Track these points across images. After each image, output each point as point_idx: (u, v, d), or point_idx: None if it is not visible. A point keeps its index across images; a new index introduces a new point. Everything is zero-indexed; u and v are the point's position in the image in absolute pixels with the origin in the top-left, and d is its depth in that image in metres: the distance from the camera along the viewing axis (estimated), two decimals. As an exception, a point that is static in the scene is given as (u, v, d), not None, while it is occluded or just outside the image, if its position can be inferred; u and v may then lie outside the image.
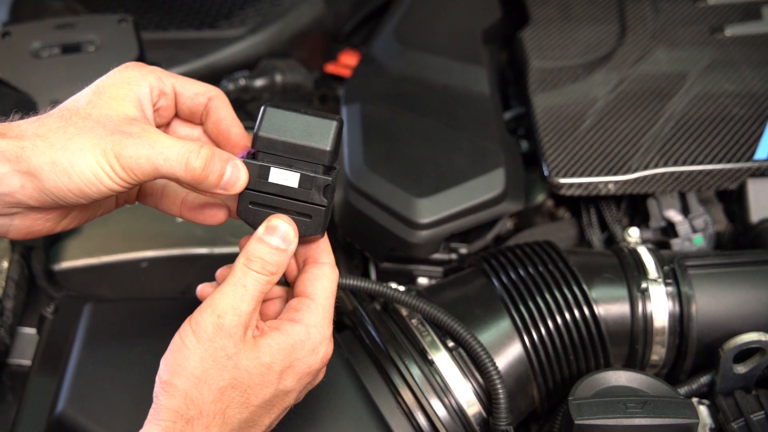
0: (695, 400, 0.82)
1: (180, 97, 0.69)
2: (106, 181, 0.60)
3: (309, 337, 0.65)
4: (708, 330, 0.84)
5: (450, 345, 0.80)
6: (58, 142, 0.60)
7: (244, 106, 1.18)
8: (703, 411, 0.81)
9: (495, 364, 0.77)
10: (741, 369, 0.82)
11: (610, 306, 0.84)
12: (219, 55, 1.17)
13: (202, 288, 0.71)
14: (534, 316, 0.83)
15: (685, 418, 0.71)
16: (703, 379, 0.84)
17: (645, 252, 0.88)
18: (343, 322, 0.91)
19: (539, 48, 1.16)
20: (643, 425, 0.71)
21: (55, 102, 1.00)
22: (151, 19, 1.23)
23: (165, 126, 0.72)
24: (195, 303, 0.66)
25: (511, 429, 0.77)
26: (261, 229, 0.65)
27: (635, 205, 1.06)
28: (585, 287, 0.83)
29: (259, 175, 0.64)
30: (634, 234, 0.94)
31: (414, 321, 0.83)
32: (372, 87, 1.09)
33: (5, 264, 1.00)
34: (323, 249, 0.69)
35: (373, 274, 1.01)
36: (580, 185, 0.98)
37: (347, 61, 1.33)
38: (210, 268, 1.06)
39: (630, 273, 0.86)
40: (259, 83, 1.14)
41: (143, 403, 0.64)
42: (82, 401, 0.78)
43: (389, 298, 0.81)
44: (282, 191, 0.64)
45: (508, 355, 0.82)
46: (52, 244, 1.03)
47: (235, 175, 0.63)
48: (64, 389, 0.79)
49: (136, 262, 1.04)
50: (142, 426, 0.61)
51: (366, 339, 0.83)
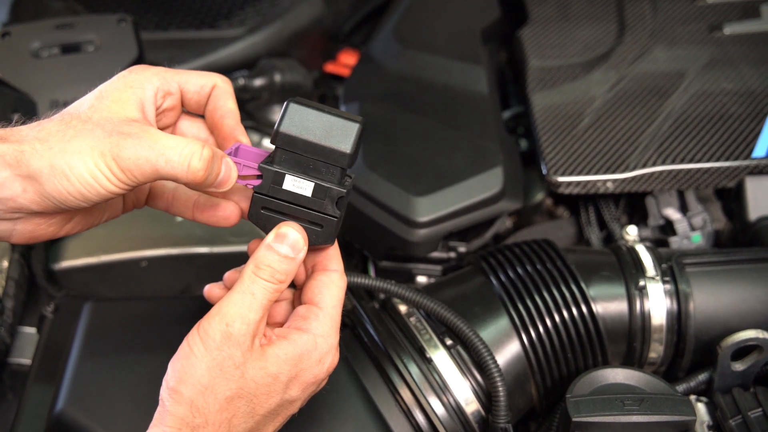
0: (693, 397, 0.82)
1: (186, 93, 0.68)
2: (104, 184, 0.60)
3: (316, 347, 0.65)
4: (706, 327, 0.84)
5: (448, 343, 0.80)
6: (56, 145, 0.59)
7: (243, 105, 1.18)
8: (701, 408, 0.81)
9: (495, 360, 0.77)
10: (739, 366, 0.82)
11: (608, 304, 0.84)
12: (218, 55, 1.17)
13: (209, 288, 0.71)
14: (532, 314, 0.83)
15: (683, 415, 0.71)
16: (701, 377, 0.84)
17: (643, 250, 0.88)
18: (343, 321, 0.91)
19: (538, 47, 1.16)
20: (641, 422, 0.71)
21: (55, 102, 1.01)
22: (151, 19, 1.23)
23: (172, 126, 0.72)
24: (194, 302, 0.66)
25: (510, 427, 0.77)
26: (271, 236, 0.64)
27: (634, 204, 1.06)
28: (583, 285, 0.84)
29: (273, 181, 0.64)
30: (632, 232, 0.94)
31: (412, 319, 0.83)
32: (371, 86, 1.10)
33: (5, 263, 1.00)
34: (333, 256, 0.69)
35: (372, 273, 1.02)
36: (578, 183, 0.98)
37: (346, 61, 1.33)
38: (210, 267, 1.07)
39: (628, 271, 0.86)
40: (258, 83, 1.14)
41: (143, 402, 0.64)
42: (81, 400, 0.78)
43: (392, 293, 0.81)
44: (295, 199, 0.64)
45: (506, 353, 0.82)
46: (52, 243, 1.04)
47: (227, 174, 0.63)
48: (63, 388, 0.79)
49: (135, 261, 1.05)
50: (141, 425, 0.61)
51: (365, 337, 0.84)
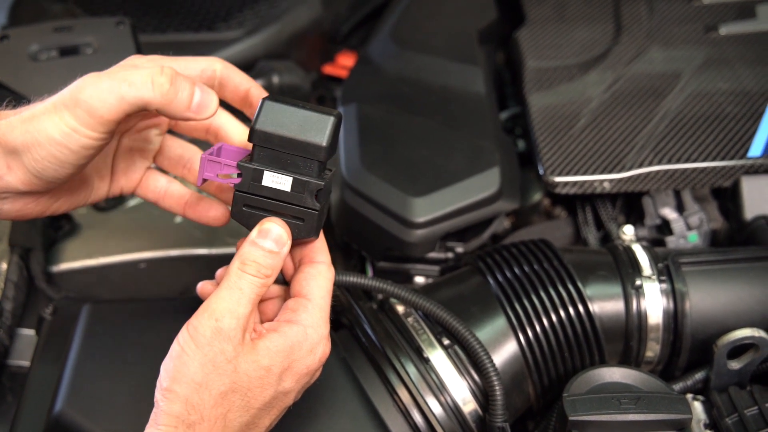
0: (690, 396, 0.82)
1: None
2: (74, 138, 0.60)
3: (306, 338, 0.65)
4: (702, 326, 0.84)
5: (445, 343, 0.81)
6: (27, 113, 0.61)
7: (241, 107, 1.18)
8: (698, 407, 0.81)
9: (492, 360, 0.78)
10: (735, 365, 0.82)
11: (604, 303, 0.85)
12: (217, 57, 1.17)
13: (202, 285, 0.72)
14: (529, 313, 0.83)
15: (679, 413, 0.72)
16: (698, 376, 0.84)
17: (639, 249, 0.88)
18: (340, 321, 0.91)
19: (535, 48, 1.16)
20: (637, 421, 0.71)
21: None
22: (150, 22, 1.24)
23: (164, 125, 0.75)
24: (193, 303, 0.67)
25: (507, 426, 0.77)
26: (254, 233, 0.65)
27: (631, 204, 1.06)
28: (580, 285, 0.84)
29: (253, 178, 0.65)
30: (628, 232, 0.95)
31: (410, 319, 0.83)
32: (369, 88, 1.10)
33: (4, 266, 1.00)
34: (319, 248, 0.70)
35: (370, 273, 1.02)
36: (575, 183, 0.99)
37: (345, 63, 1.33)
38: (208, 268, 1.07)
39: (624, 270, 0.86)
40: (257, 85, 1.14)
41: (141, 403, 0.64)
42: (80, 401, 0.78)
43: (389, 293, 0.82)
44: (275, 194, 0.65)
45: (503, 353, 0.83)
46: (50, 245, 1.04)
47: (207, 99, 0.63)
48: (62, 389, 0.79)
49: (134, 263, 1.05)
50: (140, 425, 0.62)
51: (362, 338, 0.84)
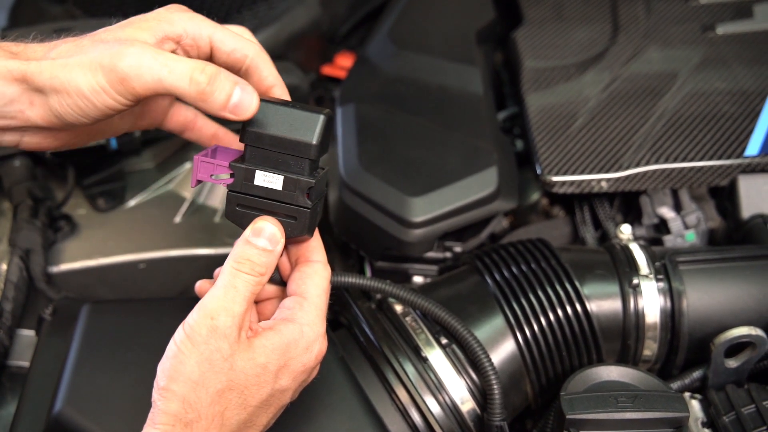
0: (688, 394, 0.83)
1: (217, 52, 0.67)
2: (103, 98, 0.60)
3: (303, 336, 0.66)
4: (699, 325, 0.84)
5: (444, 342, 0.81)
6: (60, 60, 0.61)
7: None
8: (695, 405, 0.81)
9: (490, 359, 0.78)
10: (732, 363, 0.82)
11: (602, 302, 0.85)
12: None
13: (200, 285, 0.72)
14: (527, 313, 0.83)
15: (676, 411, 0.72)
16: (696, 374, 0.84)
17: (636, 248, 0.88)
18: (339, 320, 0.91)
19: (532, 48, 1.17)
20: (634, 419, 0.72)
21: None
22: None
23: None
24: (192, 303, 0.67)
25: (506, 424, 0.78)
26: (248, 232, 0.65)
27: (628, 203, 1.07)
28: (577, 284, 0.84)
29: (245, 178, 0.65)
30: (626, 231, 0.95)
31: (408, 319, 0.83)
32: (367, 88, 1.10)
33: (4, 266, 1.01)
34: (315, 247, 0.70)
35: (369, 273, 1.02)
36: (572, 183, 0.99)
37: (343, 63, 1.33)
38: (207, 268, 1.07)
39: (622, 269, 0.86)
40: (255, 85, 1.15)
41: (141, 403, 0.64)
42: (79, 401, 0.78)
43: (387, 293, 0.82)
44: (267, 194, 0.65)
45: (501, 352, 0.83)
46: (50, 246, 1.04)
47: (247, 100, 0.61)
48: (62, 389, 0.79)
49: (133, 263, 1.06)
50: (139, 425, 0.62)
51: (360, 337, 0.84)
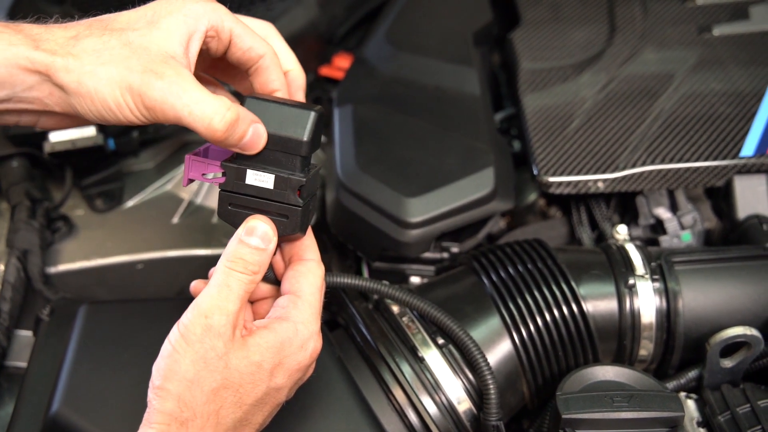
0: (683, 394, 0.83)
1: (233, 47, 0.68)
2: (126, 114, 0.62)
3: (297, 334, 0.66)
4: (695, 325, 0.85)
5: (440, 342, 0.81)
6: (88, 65, 0.61)
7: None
8: (691, 405, 0.82)
9: (486, 359, 0.78)
10: (728, 363, 0.82)
11: (598, 302, 0.85)
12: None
13: (195, 285, 0.72)
14: (523, 313, 0.84)
15: (671, 411, 0.72)
16: (691, 374, 0.84)
17: (632, 249, 0.89)
18: (336, 320, 0.92)
19: (529, 49, 1.17)
20: (630, 418, 0.72)
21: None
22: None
23: (207, 66, 0.74)
24: (189, 303, 0.67)
25: (502, 424, 0.78)
26: (241, 231, 0.66)
27: (625, 203, 1.07)
28: (573, 284, 0.84)
29: (236, 177, 0.66)
30: (622, 231, 0.95)
31: (405, 319, 0.84)
32: (364, 89, 1.10)
33: (1, 267, 1.01)
34: (308, 246, 0.70)
35: (366, 273, 1.02)
36: (569, 183, 0.99)
37: (341, 64, 1.34)
38: (204, 269, 1.07)
39: (618, 269, 0.87)
40: (253, 86, 1.15)
41: (137, 403, 0.64)
42: (76, 401, 0.79)
43: (383, 294, 0.82)
44: (259, 192, 0.66)
45: (497, 352, 0.83)
46: (48, 247, 1.04)
47: (254, 140, 0.64)
48: (59, 390, 0.80)
49: (131, 264, 1.06)
50: (135, 426, 0.62)
51: (357, 337, 0.84)
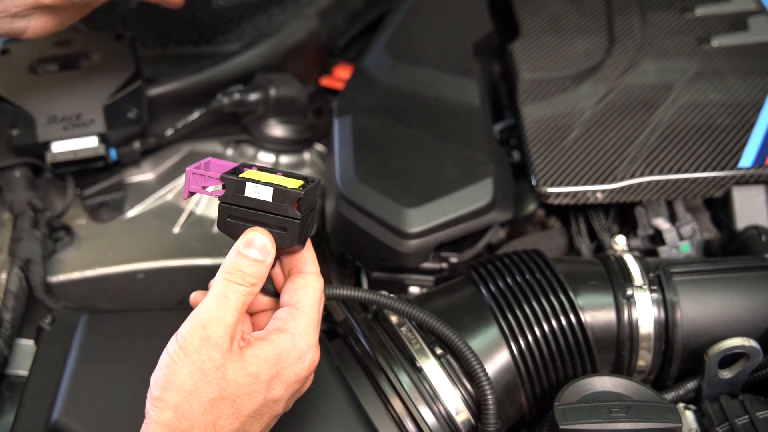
0: (682, 405, 0.83)
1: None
2: None
3: (295, 346, 0.66)
4: (693, 336, 0.85)
5: (438, 352, 0.81)
6: None
7: (239, 119, 1.20)
8: (690, 416, 0.82)
9: (484, 369, 0.78)
10: (726, 374, 0.83)
11: (596, 313, 0.85)
12: (215, 70, 1.18)
13: (194, 296, 0.73)
14: (521, 323, 0.84)
15: (669, 422, 0.72)
16: (690, 385, 0.84)
17: (631, 259, 0.89)
18: (335, 330, 0.92)
19: (529, 60, 1.18)
20: (627, 429, 0.72)
21: (53, 118, 1.03)
22: (150, 35, 1.25)
23: None
24: (190, 314, 0.68)
25: (500, 434, 0.78)
26: (239, 243, 0.66)
27: (624, 214, 1.07)
28: (571, 294, 0.85)
29: (236, 190, 0.66)
30: (620, 242, 0.95)
31: (403, 329, 0.84)
32: (364, 99, 1.11)
33: (4, 276, 1.01)
34: (307, 259, 0.71)
35: (365, 283, 1.03)
36: (567, 194, 0.99)
37: (341, 75, 1.34)
38: (205, 279, 1.07)
39: (616, 280, 0.87)
40: (254, 97, 1.16)
41: (137, 413, 0.65)
42: (76, 410, 0.79)
43: (381, 305, 0.83)
44: (258, 205, 0.66)
45: (495, 363, 0.83)
46: (50, 256, 1.05)
47: None
48: (59, 398, 0.80)
49: (132, 273, 1.06)
50: (135, 433, 0.63)
51: (356, 347, 0.85)
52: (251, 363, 0.64)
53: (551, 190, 0.99)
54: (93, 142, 1.05)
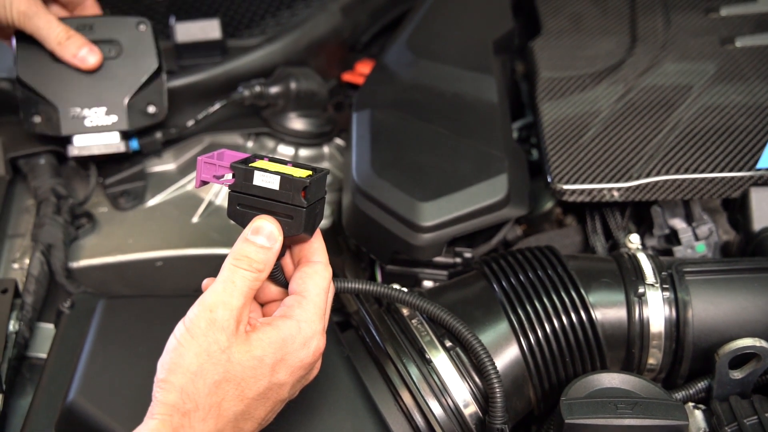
0: (691, 404, 0.83)
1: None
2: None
3: (300, 332, 0.67)
4: (704, 335, 0.84)
5: (448, 345, 0.82)
6: None
7: (259, 112, 1.21)
8: (699, 415, 0.81)
9: (493, 362, 0.78)
10: (737, 374, 0.82)
11: (607, 310, 0.85)
12: (237, 63, 1.20)
13: (206, 282, 0.74)
14: (531, 319, 0.84)
15: (675, 419, 0.72)
16: (701, 385, 0.84)
17: (644, 258, 0.89)
18: (348, 322, 0.93)
19: (549, 58, 1.17)
20: (633, 425, 0.72)
21: (76, 111, 1.04)
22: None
23: None
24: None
25: (507, 428, 0.78)
26: (247, 230, 0.68)
27: (640, 214, 1.07)
28: (583, 291, 0.85)
29: (245, 178, 0.68)
30: (634, 240, 0.95)
31: (414, 321, 0.84)
32: (383, 94, 1.12)
33: (26, 261, 1.04)
34: (316, 249, 0.72)
35: (379, 277, 1.04)
36: (583, 191, 0.99)
37: (363, 70, 1.35)
38: (222, 268, 1.10)
39: (628, 278, 0.87)
40: (274, 90, 1.17)
41: (148, 395, 0.66)
42: (92, 392, 0.81)
43: (391, 298, 0.83)
44: (266, 193, 0.67)
45: (505, 357, 0.84)
46: (71, 242, 1.07)
47: (90, 57, 1.02)
48: (75, 380, 0.82)
49: (151, 261, 1.08)
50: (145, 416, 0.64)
51: (367, 338, 0.85)
52: (256, 346, 0.65)
53: (567, 187, 0.99)
54: (115, 138, 1.07)
